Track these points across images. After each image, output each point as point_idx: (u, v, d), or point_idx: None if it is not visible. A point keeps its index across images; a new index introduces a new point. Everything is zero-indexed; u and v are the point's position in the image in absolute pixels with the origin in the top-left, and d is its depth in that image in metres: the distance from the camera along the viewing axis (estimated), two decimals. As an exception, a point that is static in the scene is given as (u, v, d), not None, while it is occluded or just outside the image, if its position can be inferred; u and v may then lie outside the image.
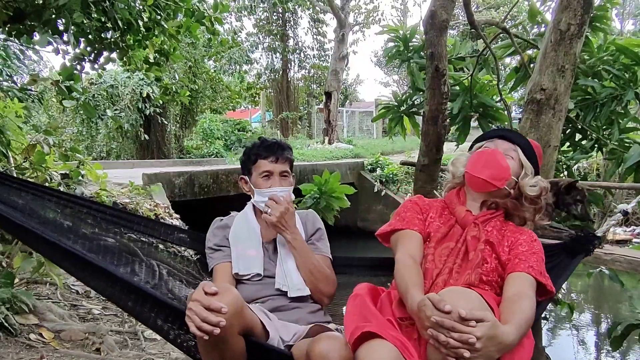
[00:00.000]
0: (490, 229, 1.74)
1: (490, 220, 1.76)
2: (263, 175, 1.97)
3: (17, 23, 3.17)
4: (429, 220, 1.80)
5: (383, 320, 1.52)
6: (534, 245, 1.70)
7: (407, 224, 1.77)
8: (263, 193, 1.96)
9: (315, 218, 2.10)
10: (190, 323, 1.41)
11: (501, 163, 1.73)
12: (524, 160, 1.77)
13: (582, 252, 1.92)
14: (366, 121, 23.73)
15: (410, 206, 1.84)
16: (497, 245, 1.69)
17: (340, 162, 11.93)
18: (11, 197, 1.91)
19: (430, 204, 1.86)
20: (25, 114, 3.89)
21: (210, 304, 1.40)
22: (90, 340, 2.92)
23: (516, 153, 1.77)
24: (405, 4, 26.36)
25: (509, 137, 1.82)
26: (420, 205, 1.85)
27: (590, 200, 3.27)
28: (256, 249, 1.95)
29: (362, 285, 1.74)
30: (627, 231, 9.59)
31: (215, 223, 2.06)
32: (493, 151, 1.76)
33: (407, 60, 3.63)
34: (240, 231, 1.99)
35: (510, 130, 1.83)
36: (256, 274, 1.91)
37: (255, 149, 2.00)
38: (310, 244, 2.00)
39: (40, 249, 2.00)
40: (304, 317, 1.86)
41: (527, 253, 1.65)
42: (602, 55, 3.00)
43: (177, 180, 7.38)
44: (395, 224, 1.80)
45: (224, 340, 1.46)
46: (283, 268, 1.92)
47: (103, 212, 2.08)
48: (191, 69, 13.54)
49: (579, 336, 5.86)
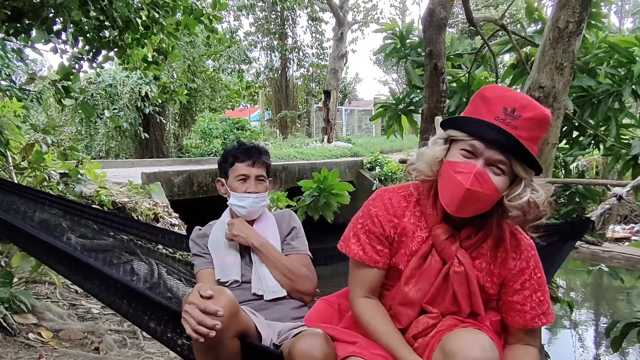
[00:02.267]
0: (480, 258, 1.43)
1: (480, 247, 1.43)
2: (239, 178, 2.00)
3: (15, 22, 3.16)
4: (401, 243, 1.47)
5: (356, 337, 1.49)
6: (534, 275, 1.44)
7: (369, 258, 1.48)
8: (238, 197, 1.99)
9: (291, 217, 2.12)
10: (186, 326, 1.41)
11: (484, 192, 1.28)
12: (519, 171, 1.31)
13: (575, 237, 1.88)
14: (365, 120, 23.72)
15: (371, 227, 1.48)
16: (487, 286, 1.45)
17: (339, 161, 11.92)
18: (5, 200, 1.93)
19: (399, 215, 1.48)
20: (24, 113, 3.88)
21: (206, 307, 1.40)
22: (89, 340, 2.92)
23: (507, 166, 1.30)
24: (404, 2, 26.35)
25: (500, 143, 1.28)
26: (385, 227, 1.47)
27: (589, 197, 3.28)
28: (234, 256, 1.98)
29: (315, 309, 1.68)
30: (625, 229, 9.60)
31: (195, 232, 2.09)
32: (472, 180, 1.28)
33: (403, 57, 3.63)
34: (218, 239, 2.02)
35: (496, 128, 1.26)
36: (234, 280, 1.94)
37: (233, 152, 2.03)
38: (285, 244, 2.02)
39: (33, 252, 2.01)
40: (287, 314, 1.88)
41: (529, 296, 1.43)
42: (597, 52, 3.01)
43: (176, 179, 7.38)
44: (356, 251, 1.49)
45: (220, 343, 1.47)
46: (258, 273, 1.94)
47: (97, 216, 2.14)
48: (190, 68, 13.52)
49: (578, 334, 5.87)
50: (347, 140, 17.36)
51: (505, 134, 1.25)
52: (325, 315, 1.63)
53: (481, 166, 1.29)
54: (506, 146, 1.27)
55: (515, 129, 1.26)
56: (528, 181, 1.32)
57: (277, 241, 2.01)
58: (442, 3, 2.77)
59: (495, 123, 1.27)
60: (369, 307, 1.48)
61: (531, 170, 1.31)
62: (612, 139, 2.96)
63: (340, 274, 1.97)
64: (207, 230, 2.07)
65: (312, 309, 1.71)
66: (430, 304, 1.45)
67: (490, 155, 1.29)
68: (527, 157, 1.28)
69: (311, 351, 1.39)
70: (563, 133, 3.14)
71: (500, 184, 1.30)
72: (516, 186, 1.31)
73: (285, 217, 2.11)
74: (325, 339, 1.43)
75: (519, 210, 1.31)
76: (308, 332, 1.49)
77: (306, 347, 1.40)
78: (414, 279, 1.45)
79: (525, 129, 1.26)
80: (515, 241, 1.45)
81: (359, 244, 1.49)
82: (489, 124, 1.27)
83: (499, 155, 1.28)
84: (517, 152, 1.27)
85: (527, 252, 1.45)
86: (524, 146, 1.25)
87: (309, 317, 1.66)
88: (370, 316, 1.46)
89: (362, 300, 1.50)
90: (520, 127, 1.26)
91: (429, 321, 1.44)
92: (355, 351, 1.40)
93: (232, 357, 1.54)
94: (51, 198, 2.11)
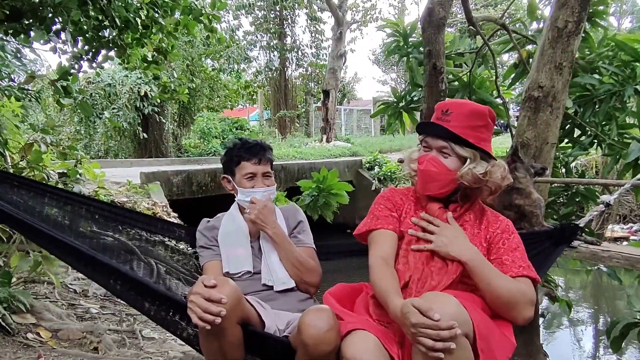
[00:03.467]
0: (465, 224, 1.75)
1: (464, 214, 1.77)
2: (247, 177, 2.03)
3: (14, 21, 3.15)
4: (403, 215, 1.81)
5: (362, 318, 1.63)
6: (513, 238, 1.72)
7: (381, 222, 1.78)
8: (246, 192, 2.03)
9: (297, 211, 2.17)
10: (192, 314, 1.48)
11: (438, 171, 1.70)
12: (459, 151, 1.69)
13: (565, 242, 2.02)
14: (364, 119, 23.72)
15: (383, 203, 1.84)
16: (475, 244, 1.70)
17: (338, 161, 11.93)
18: (13, 194, 1.97)
19: (404, 198, 1.86)
20: (23, 112, 3.88)
21: (210, 295, 1.48)
22: (88, 340, 2.92)
23: (449, 148, 1.70)
24: (402, 2, 26.34)
25: (437, 133, 1.73)
26: (393, 200, 1.84)
27: (587, 196, 3.28)
28: (244, 248, 2.02)
29: (335, 288, 1.81)
30: (624, 229, 9.63)
31: (203, 224, 2.11)
32: (426, 163, 1.71)
33: (406, 55, 3.63)
34: (229, 231, 2.05)
35: (431, 124, 1.73)
36: (246, 271, 1.98)
37: (237, 151, 2.06)
38: (292, 237, 2.07)
39: (43, 244, 2.05)
40: (294, 306, 1.92)
41: (509, 251, 1.69)
42: (602, 51, 3.01)
43: (174, 178, 7.38)
44: (369, 223, 1.81)
45: (224, 330, 1.53)
46: (267, 263, 1.99)
47: (102, 209, 2.14)
48: (189, 68, 13.52)
49: (577, 333, 5.87)
50: (346, 139, 17.35)
51: (440, 127, 1.70)
52: (342, 293, 1.79)
53: (433, 154, 1.73)
54: (442, 135, 1.70)
55: (449, 122, 1.69)
56: (474, 160, 1.69)
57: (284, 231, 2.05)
58: (441, 3, 2.77)
59: (435, 121, 1.73)
60: (380, 263, 1.67)
61: (471, 150, 1.69)
62: (613, 139, 2.96)
63: (341, 270, 2.01)
64: (216, 223, 2.09)
65: (331, 289, 1.81)
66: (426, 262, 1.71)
67: (436, 144, 1.72)
68: (463, 141, 1.68)
69: (316, 322, 1.47)
70: (564, 133, 3.14)
71: (451, 164, 1.70)
72: (463, 164, 1.70)
73: (291, 211, 2.16)
74: (331, 313, 1.52)
75: (472, 182, 1.69)
76: (314, 307, 1.56)
77: (312, 318, 1.48)
78: (414, 243, 1.73)
79: (456, 121, 1.69)
80: (494, 215, 1.81)
81: (373, 216, 1.82)
82: (431, 123, 1.75)
83: (441, 143, 1.71)
84: (452, 138, 1.68)
85: (505, 222, 1.78)
86: (453, 132, 1.67)
87: (326, 295, 1.76)
88: (377, 271, 1.65)
89: (377, 260, 1.68)
90: (453, 120, 1.69)
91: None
92: (358, 326, 1.51)
93: (235, 345, 1.60)
94: (58, 192, 2.14)
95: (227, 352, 1.59)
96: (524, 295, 1.59)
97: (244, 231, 2.04)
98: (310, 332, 1.46)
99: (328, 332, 1.46)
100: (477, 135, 1.70)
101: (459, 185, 1.72)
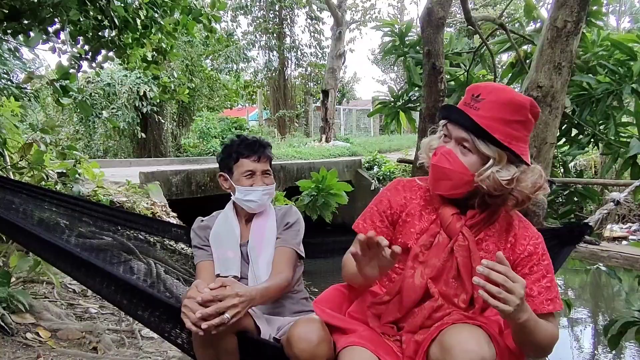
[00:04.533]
0: (488, 239, 1.49)
1: (488, 228, 1.50)
2: (246, 174, 1.97)
3: (13, 21, 3.15)
4: (403, 218, 1.58)
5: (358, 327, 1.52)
6: (542, 262, 1.46)
7: (366, 229, 1.58)
8: (245, 191, 1.96)
9: (288, 213, 2.05)
10: (185, 319, 1.45)
11: (452, 169, 1.42)
12: (482, 148, 1.39)
13: (573, 242, 1.92)
14: (363, 119, 23.71)
15: (376, 209, 1.63)
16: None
17: (338, 160, 11.92)
18: (5, 198, 1.93)
19: (412, 194, 1.59)
20: (22, 112, 3.88)
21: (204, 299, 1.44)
22: (87, 339, 2.92)
23: (470, 142, 1.40)
24: (401, 1, 26.34)
25: (456, 120, 1.43)
26: (393, 201, 1.60)
27: (587, 196, 3.29)
28: (234, 251, 1.95)
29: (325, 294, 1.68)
30: (623, 228, 9.63)
31: (197, 223, 2.06)
32: (439, 157, 1.44)
33: (403, 55, 3.64)
34: (220, 233, 1.99)
35: (455, 109, 1.43)
36: (233, 276, 1.91)
37: (236, 147, 1.99)
38: (277, 238, 1.98)
39: (34, 249, 2.01)
40: (288, 308, 1.89)
41: (537, 280, 1.44)
42: (597, 51, 3.01)
43: (174, 178, 7.37)
44: (358, 223, 1.64)
45: (220, 338, 1.51)
46: (254, 270, 1.92)
47: (98, 211, 2.10)
48: (188, 68, 13.51)
49: (576, 332, 5.88)
50: (345, 139, 17.34)
51: (463, 114, 1.41)
52: (334, 301, 1.66)
53: (451, 146, 1.44)
54: (465, 125, 1.40)
55: (477, 110, 1.39)
56: (499, 162, 1.40)
57: (273, 235, 1.98)
58: (441, 2, 2.78)
59: (460, 107, 1.43)
60: (346, 256, 1.58)
61: (497, 149, 1.39)
62: (611, 138, 2.96)
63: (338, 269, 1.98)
64: (210, 222, 2.04)
65: (322, 294, 1.70)
66: (435, 280, 1.49)
67: (457, 134, 1.43)
68: (488, 136, 1.38)
69: (307, 335, 1.42)
70: (562, 132, 3.15)
71: (469, 162, 1.41)
72: (484, 165, 1.40)
73: (284, 211, 2.07)
74: (321, 324, 1.46)
75: (492, 189, 1.39)
76: (304, 318, 1.53)
77: (302, 331, 1.44)
78: (422, 257, 1.51)
79: (486, 110, 1.38)
80: (523, 228, 1.51)
81: (364, 218, 1.63)
82: (455, 108, 1.44)
83: (462, 134, 1.41)
84: (476, 130, 1.39)
85: (535, 238, 1.50)
86: (477, 123, 1.37)
87: (318, 301, 1.66)
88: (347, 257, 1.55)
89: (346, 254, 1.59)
90: (482, 108, 1.38)
91: (433, 305, 1.48)
92: (354, 341, 1.43)
93: (230, 352, 1.58)
94: (52, 194, 2.09)
95: (222, 359, 1.57)
96: (552, 339, 1.40)
97: (235, 233, 1.98)
98: (301, 346, 1.42)
99: (319, 345, 1.41)
100: (509, 132, 1.38)
101: (477, 188, 1.43)
